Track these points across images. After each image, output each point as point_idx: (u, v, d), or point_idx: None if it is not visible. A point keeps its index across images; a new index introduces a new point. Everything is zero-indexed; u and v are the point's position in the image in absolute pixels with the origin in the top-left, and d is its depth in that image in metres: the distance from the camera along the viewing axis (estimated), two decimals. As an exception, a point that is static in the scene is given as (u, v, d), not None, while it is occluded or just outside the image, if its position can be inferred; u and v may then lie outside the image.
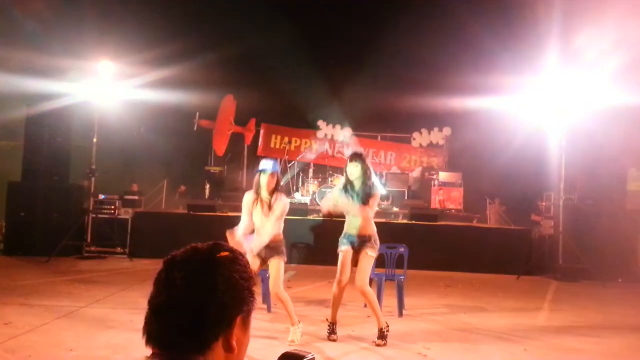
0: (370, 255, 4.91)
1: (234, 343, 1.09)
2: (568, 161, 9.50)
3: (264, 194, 4.71)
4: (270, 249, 4.73)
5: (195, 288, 1.06)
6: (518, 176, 11.56)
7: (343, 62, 13.36)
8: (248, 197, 4.81)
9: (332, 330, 4.94)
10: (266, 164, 4.76)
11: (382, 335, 4.80)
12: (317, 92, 13.36)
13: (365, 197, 4.90)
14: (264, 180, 4.68)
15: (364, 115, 14.05)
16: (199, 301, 1.05)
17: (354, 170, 4.95)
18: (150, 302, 1.09)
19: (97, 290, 6.58)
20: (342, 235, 5.04)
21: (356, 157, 5.03)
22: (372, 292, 5.02)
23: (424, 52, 11.63)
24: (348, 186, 4.99)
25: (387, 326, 4.85)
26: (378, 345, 4.75)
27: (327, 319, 5.03)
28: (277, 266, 4.71)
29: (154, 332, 1.07)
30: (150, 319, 1.07)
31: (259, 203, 4.72)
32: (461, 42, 11.38)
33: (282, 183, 5.16)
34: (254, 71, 13.08)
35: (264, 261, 4.76)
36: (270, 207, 4.70)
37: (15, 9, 9.19)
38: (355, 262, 4.97)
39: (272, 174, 4.70)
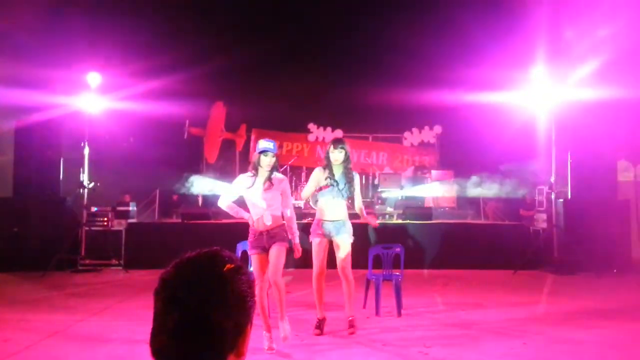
0: (349, 240, 5.11)
1: (245, 349, 1.11)
2: (559, 155, 9.58)
3: (264, 174, 4.70)
4: (271, 237, 4.64)
5: (209, 308, 1.05)
6: (509, 171, 11.63)
7: (331, 64, 13.37)
8: (244, 179, 4.77)
9: (318, 325, 5.09)
10: (267, 145, 4.71)
11: (353, 324, 5.11)
12: (307, 95, 13.37)
13: (349, 183, 5.09)
14: (265, 161, 4.67)
15: (355, 116, 14.09)
16: (215, 321, 1.05)
17: (339, 156, 5.09)
18: (159, 321, 1.06)
19: (95, 303, 6.53)
20: (316, 223, 5.14)
21: (340, 142, 5.19)
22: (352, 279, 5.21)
23: (411, 47, 11.57)
24: (330, 172, 5.12)
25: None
26: (352, 333, 5.00)
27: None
28: (278, 252, 4.59)
29: (166, 349, 1.05)
30: (161, 338, 1.05)
31: (258, 183, 4.69)
32: (450, 38, 11.36)
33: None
34: (242, 77, 13.07)
35: (266, 251, 4.63)
36: (271, 184, 4.69)
37: (2, 20, 9.10)
38: (329, 250, 5.15)
39: (272, 155, 4.72)
